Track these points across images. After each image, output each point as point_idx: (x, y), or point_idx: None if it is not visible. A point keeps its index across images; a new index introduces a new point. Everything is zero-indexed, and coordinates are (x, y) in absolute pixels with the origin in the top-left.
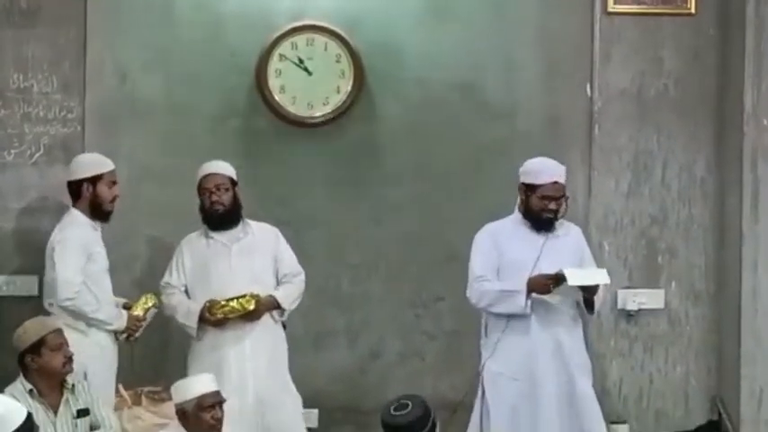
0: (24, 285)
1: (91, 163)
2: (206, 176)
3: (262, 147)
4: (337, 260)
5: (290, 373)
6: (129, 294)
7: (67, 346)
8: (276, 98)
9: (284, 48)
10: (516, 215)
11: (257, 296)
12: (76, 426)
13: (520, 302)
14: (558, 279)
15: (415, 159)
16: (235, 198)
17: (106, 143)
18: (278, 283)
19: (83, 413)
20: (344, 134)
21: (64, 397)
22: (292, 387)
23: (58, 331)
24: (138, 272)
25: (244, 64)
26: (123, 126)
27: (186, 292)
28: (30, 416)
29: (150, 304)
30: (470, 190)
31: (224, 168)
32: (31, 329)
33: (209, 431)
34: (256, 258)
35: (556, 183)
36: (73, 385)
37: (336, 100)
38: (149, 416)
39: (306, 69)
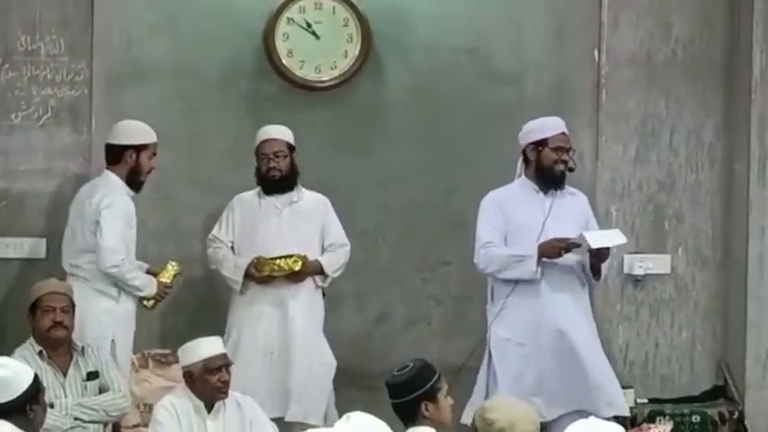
0: (32, 248)
1: (139, 131)
2: (264, 142)
3: (269, 111)
4: (344, 224)
5: None
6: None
7: (64, 311)
8: (284, 62)
9: (292, 11)
10: (522, 180)
11: (304, 257)
12: (86, 388)
13: (531, 267)
14: (570, 244)
15: (422, 124)
16: (292, 164)
17: (114, 106)
18: (323, 251)
19: (92, 376)
20: (352, 99)
21: (73, 359)
22: (327, 351)
23: (55, 294)
24: (146, 235)
25: (251, 27)
26: (131, 89)
27: (232, 248)
28: (36, 378)
29: (177, 271)
30: (477, 155)
31: (282, 134)
32: (33, 289)
33: (215, 393)
34: (304, 224)
35: (563, 133)
36: (83, 348)
37: (344, 64)
38: (156, 379)
39: (314, 33)
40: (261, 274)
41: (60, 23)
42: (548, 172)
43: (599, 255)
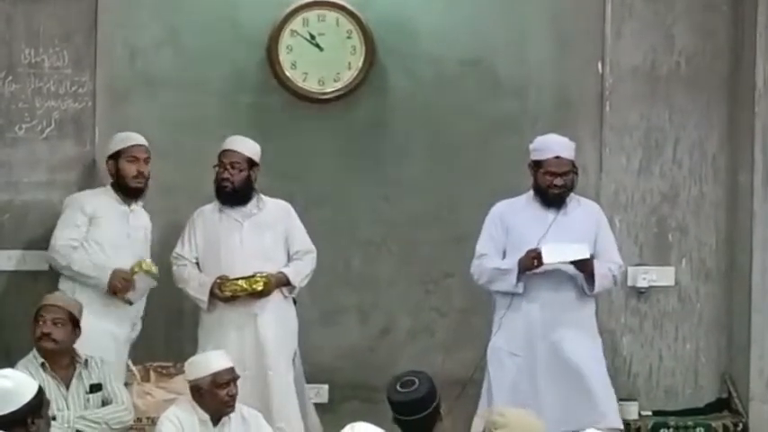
0: (34, 261)
1: (114, 140)
2: (225, 151)
3: (272, 123)
4: (347, 237)
5: (300, 349)
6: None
7: (54, 324)
8: (287, 74)
9: (295, 23)
10: (530, 193)
11: (266, 277)
12: (89, 400)
13: (511, 281)
14: (539, 254)
15: (426, 136)
16: (248, 179)
17: (117, 118)
18: (289, 259)
19: (95, 388)
20: (355, 110)
21: (76, 371)
22: (299, 363)
23: (49, 306)
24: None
25: (255, 40)
26: (134, 101)
27: (197, 264)
28: (40, 389)
29: (144, 268)
30: (480, 167)
31: (245, 147)
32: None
33: (223, 407)
34: (267, 235)
35: (558, 158)
36: (86, 360)
37: (347, 76)
38: (159, 392)
39: (317, 45)
40: (223, 295)
41: (64, 36)
42: (542, 193)
43: (579, 265)
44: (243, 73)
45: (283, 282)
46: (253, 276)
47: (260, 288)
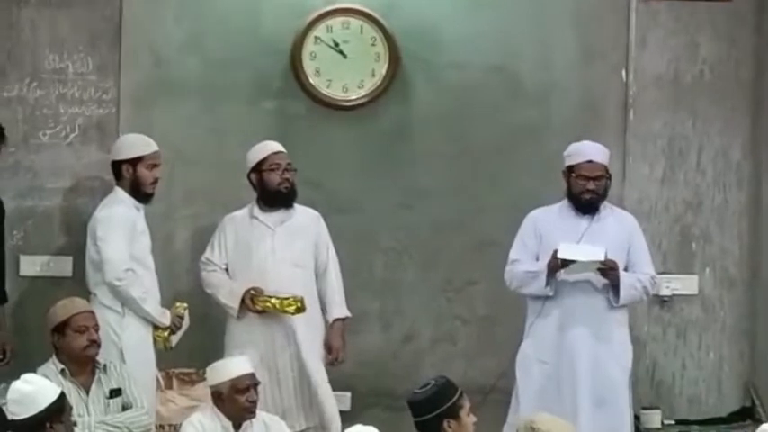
0: (58, 266)
1: (132, 145)
2: (275, 154)
3: (296, 130)
4: (369, 243)
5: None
6: (161, 274)
7: (96, 330)
8: (311, 81)
9: (319, 30)
10: (564, 201)
11: (301, 301)
12: (108, 405)
13: (541, 283)
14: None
15: (449, 143)
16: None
17: (141, 125)
18: (316, 266)
19: (115, 393)
20: (379, 118)
21: (96, 377)
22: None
23: (86, 313)
24: (172, 253)
25: (279, 46)
26: (158, 108)
27: (226, 270)
28: (62, 395)
29: (184, 309)
30: (504, 174)
31: (286, 152)
32: (59, 309)
33: (243, 413)
34: (298, 242)
35: (591, 162)
36: (105, 365)
37: (371, 83)
38: (181, 399)
39: (341, 52)
40: (254, 308)
41: (88, 42)
42: (575, 198)
43: (605, 272)
44: (266, 80)
45: (342, 329)
46: (287, 299)
47: (291, 312)
